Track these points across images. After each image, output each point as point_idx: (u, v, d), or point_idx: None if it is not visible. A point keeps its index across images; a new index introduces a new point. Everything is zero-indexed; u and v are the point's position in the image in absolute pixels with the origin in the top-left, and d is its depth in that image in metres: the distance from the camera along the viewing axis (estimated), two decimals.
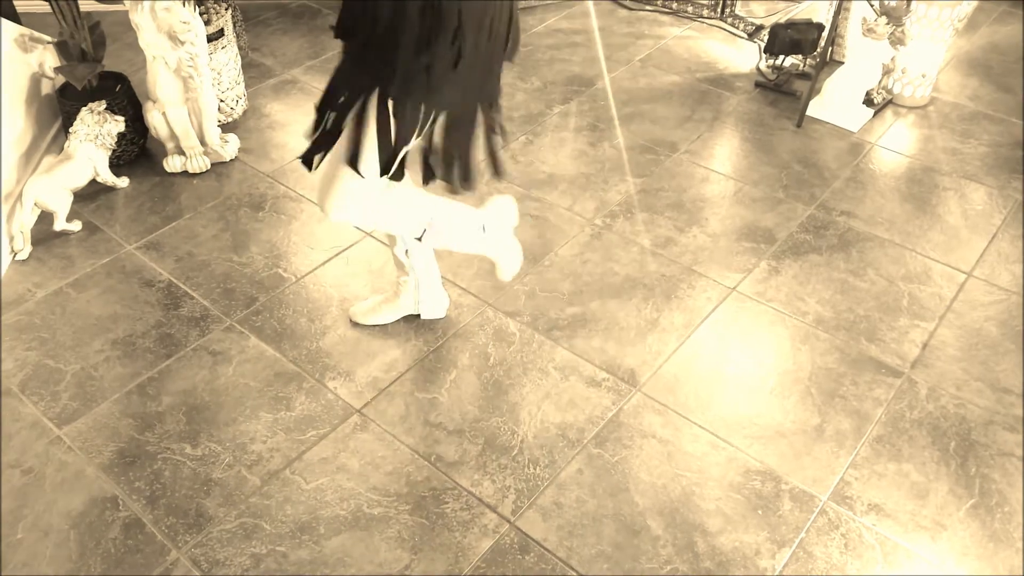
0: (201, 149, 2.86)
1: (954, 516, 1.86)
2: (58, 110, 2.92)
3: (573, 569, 1.76)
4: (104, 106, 2.69)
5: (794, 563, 1.77)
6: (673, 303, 2.37)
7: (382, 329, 2.30)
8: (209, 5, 2.92)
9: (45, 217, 2.63)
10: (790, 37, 3.18)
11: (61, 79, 2.85)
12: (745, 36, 3.64)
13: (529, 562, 1.77)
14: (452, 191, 1.78)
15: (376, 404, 2.10)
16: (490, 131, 1.78)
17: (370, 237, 2.60)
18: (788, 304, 2.37)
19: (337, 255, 2.54)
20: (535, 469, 1.95)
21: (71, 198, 2.62)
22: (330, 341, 2.26)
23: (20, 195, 2.57)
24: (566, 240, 2.59)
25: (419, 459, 1.98)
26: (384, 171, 1.69)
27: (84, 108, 2.66)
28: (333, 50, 3.55)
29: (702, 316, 2.33)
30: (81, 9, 2.71)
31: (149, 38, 2.63)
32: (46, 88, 2.93)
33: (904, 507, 1.88)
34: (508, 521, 1.85)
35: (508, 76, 3.38)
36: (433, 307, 2.30)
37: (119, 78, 2.90)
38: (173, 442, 2.02)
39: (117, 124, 2.70)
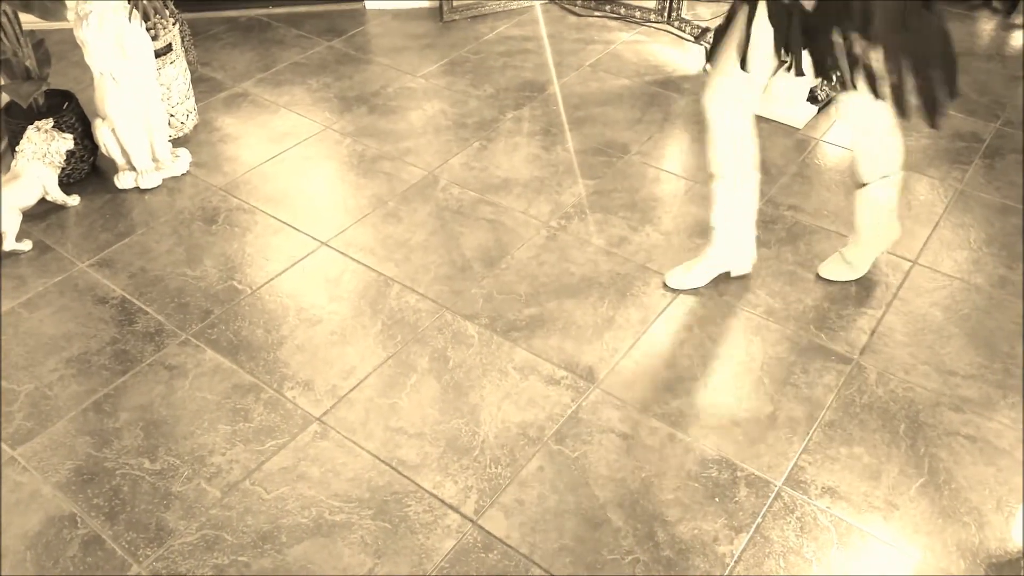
0: (152, 165, 2.84)
1: (905, 495, 1.91)
2: (4, 129, 2.88)
3: (536, 564, 1.78)
4: (51, 124, 2.66)
5: (752, 548, 1.81)
6: (628, 300, 2.41)
7: (340, 337, 2.30)
8: (157, 20, 2.91)
9: None
10: None
11: (6, 98, 2.82)
12: (692, 39, 3.70)
13: (492, 560, 1.78)
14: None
15: (336, 411, 2.10)
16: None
17: (325, 246, 2.60)
18: (739, 297, 2.42)
19: (293, 265, 2.54)
20: (496, 468, 1.97)
21: (20, 217, 2.59)
22: (287, 351, 2.26)
23: None
24: (522, 243, 2.61)
25: (380, 464, 1.98)
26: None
27: (31, 126, 2.63)
28: (284, 63, 3.55)
29: (657, 312, 2.37)
30: (24, 27, 2.68)
31: (96, 55, 2.61)
32: None
33: (857, 489, 1.92)
34: (471, 521, 1.86)
35: (461, 83, 3.41)
36: (739, 262, 2.43)
37: (67, 95, 2.88)
38: (131, 457, 2.00)
39: (65, 142, 2.67)
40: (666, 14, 3.82)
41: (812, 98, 3.22)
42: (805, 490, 1.92)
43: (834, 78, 1.96)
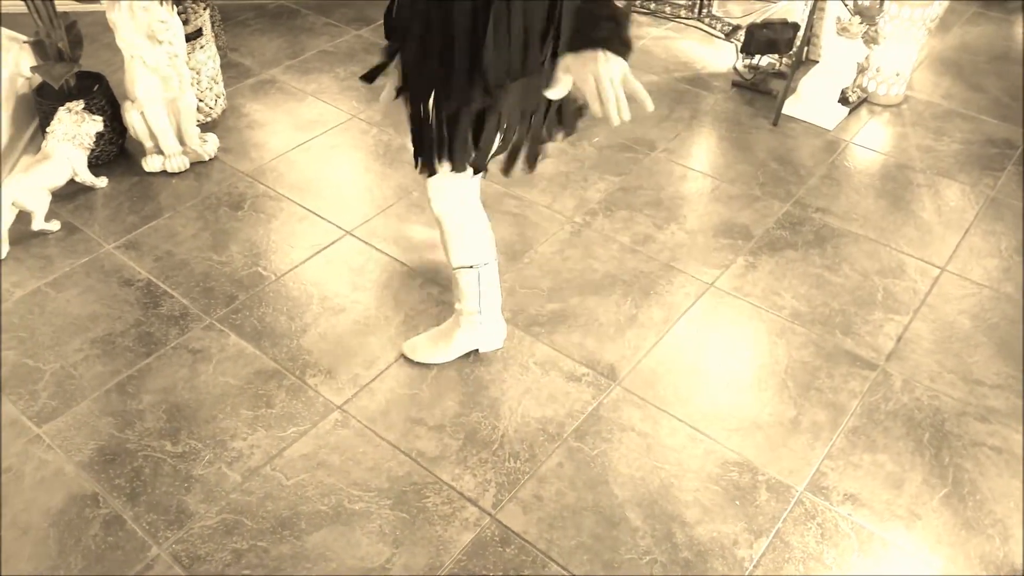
0: (180, 149, 2.85)
1: (928, 505, 1.89)
2: (35, 110, 2.91)
3: (553, 561, 1.77)
4: (82, 106, 2.68)
5: (771, 553, 1.79)
6: (652, 299, 2.40)
7: (363, 326, 2.30)
8: (187, 5, 2.92)
9: (23, 217, 2.61)
10: (766, 37, 3.22)
11: (38, 79, 2.84)
12: (722, 36, 3.67)
13: (510, 555, 1.78)
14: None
15: (357, 400, 2.11)
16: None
17: (350, 235, 2.61)
18: (765, 299, 2.40)
19: (317, 253, 2.54)
20: (516, 463, 1.97)
21: (49, 198, 2.61)
22: (310, 339, 2.27)
23: None
24: (546, 238, 2.60)
25: (400, 454, 1.98)
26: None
27: (62, 108, 2.65)
28: (311, 51, 3.55)
29: (680, 311, 2.36)
30: (57, 9, 2.70)
31: (127, 37, 2.62)
32: (22, 88, 2.92)
33: (879, 497, 1.90)
34: (489, 514, 1.86)
35: None
36: (492, 338, 2.20)
37: (97, 78, 2.90)
38: (153, 439, 2.01)
39: (95, 124, 2.69)
40: (697, 10, 3.79)
41: (843, 99, 3.18)
42: (827, 496, 1.90)
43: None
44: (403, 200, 2.75)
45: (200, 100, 3.02)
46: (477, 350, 2.21)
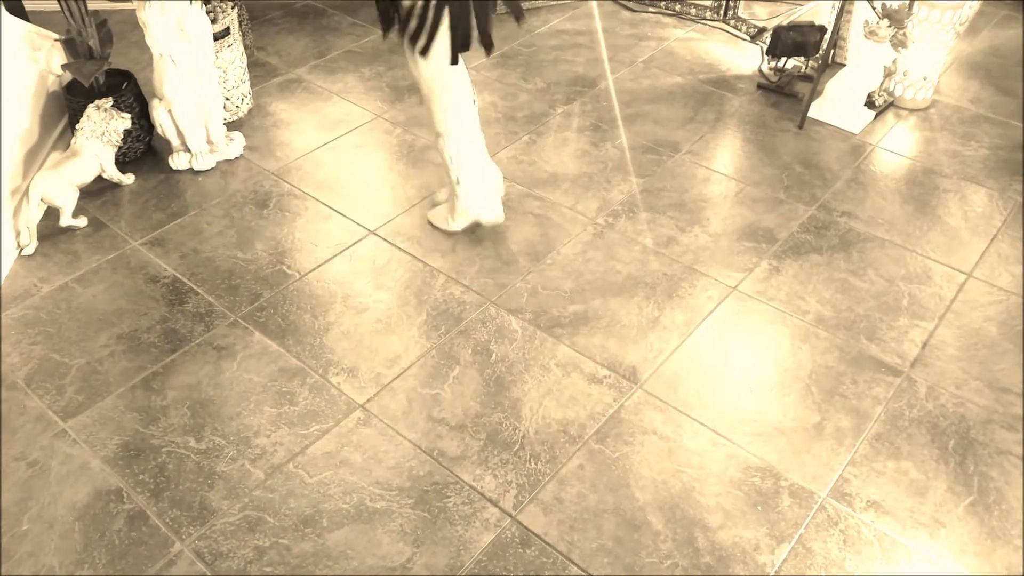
0: (207, 147, 2.88)
1: (952, 513, 1.87)
2: (65, 107, 2.94)
3: (574, 563, 1.77)
4: (111, 103, 2.71)
5: (793, 559, 1.78)
6: (674, 302, 2.39)
7: (385, 325, 2.31)
8: (216, 4, 2.94)
9: (51, 213, 2.65)
10: (792, 39, 3.19)
11: (68, 76, 2.88)
12: (747, 38, 3.65)
13: (530, 556, 1.78)
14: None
15: (379, 399, 2.12)
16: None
17: (373, 235, 2.62)
18: (789, 303, 2.38)
19: (341, 252, 2.55)
20: (536, 464, 1.97)
21: (77, 194, 2.64)
22: (333, 337, 2.28)
23: (27, 191, 2.60)
24: (568, 239, 2.60)
25: (421, 454, 1.99)
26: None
27: (91, 105, 2.68)
28: (338, 50, 3.57)
29: (703, 315, 2.35)
30: (88, 7, 2.73)
31: (156, 36, 2.65)
32: (53, 85, 2.95)
33: (903, 504, 1.89)
34: (509, 515, 1.86)
35: (512, 76, 3.40)
36: (483, 210, 2.53)
37: (126, 75, 2.93)
38: (177, 436, 2.03)
39: (123, 121, 2.72)
40: (722, 12, 3.77)
41: (869, 103, 3.16)
42: (850, 503, 1.89)
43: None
44: (426, 200, 2.75)
45: (227, 99, 3.04)
46: (480, 224, 2.54)
